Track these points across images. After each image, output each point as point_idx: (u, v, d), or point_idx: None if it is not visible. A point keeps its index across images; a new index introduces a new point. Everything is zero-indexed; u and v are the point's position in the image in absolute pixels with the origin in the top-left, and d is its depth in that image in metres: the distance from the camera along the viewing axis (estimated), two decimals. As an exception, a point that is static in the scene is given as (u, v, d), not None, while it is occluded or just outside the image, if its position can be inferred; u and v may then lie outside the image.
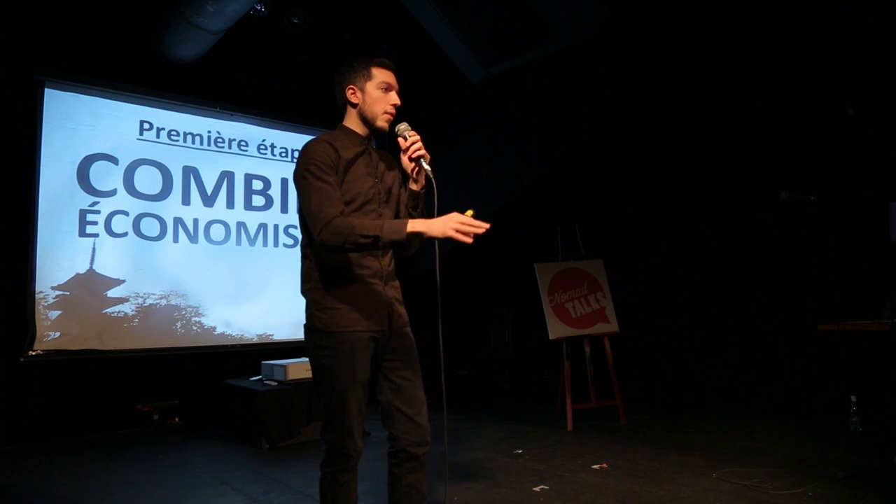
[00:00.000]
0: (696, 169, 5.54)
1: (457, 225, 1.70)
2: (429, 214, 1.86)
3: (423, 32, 5.40)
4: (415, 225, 1.72)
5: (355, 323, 1.84)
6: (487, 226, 1.73)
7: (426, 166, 1.89)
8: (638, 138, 5.77)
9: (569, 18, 4.92)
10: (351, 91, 1.96)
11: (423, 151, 1.89)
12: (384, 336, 1.91)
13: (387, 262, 1.97)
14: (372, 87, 1.94)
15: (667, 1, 4.51)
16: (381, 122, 1.95)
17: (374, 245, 1.74)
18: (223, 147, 5.52)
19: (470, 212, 1.81)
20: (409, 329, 2.00)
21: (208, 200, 5.37)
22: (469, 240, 1.73)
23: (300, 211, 1.89)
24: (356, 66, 1.97)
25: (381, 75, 1.95)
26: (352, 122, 1.99)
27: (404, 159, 1.93)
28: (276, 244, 5.73)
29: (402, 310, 2.00)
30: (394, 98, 1.96)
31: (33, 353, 4.39)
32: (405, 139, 1.90)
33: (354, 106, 1.96)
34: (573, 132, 5.25)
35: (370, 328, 1.87)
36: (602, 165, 6.10)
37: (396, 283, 2.01)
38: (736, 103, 5.09)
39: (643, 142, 5.78)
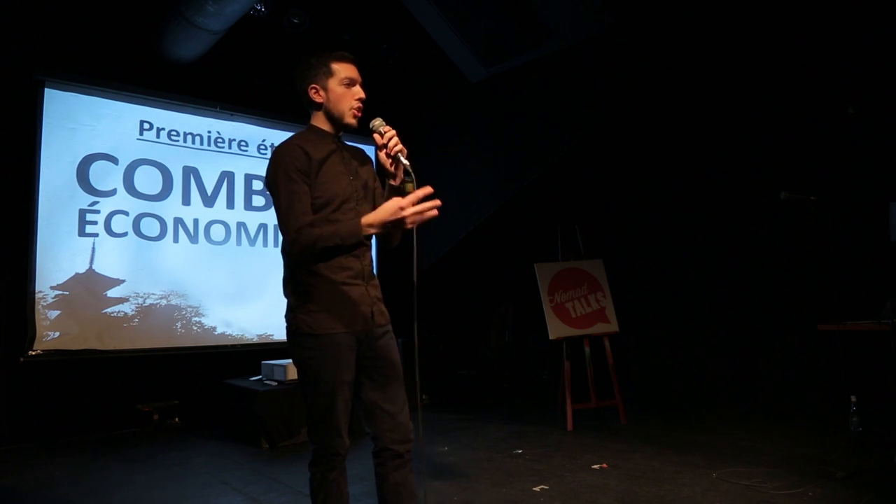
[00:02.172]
0: (696, 169, 5.54)
1: (408, 213, 1.69)
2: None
3: (423, 32, 5.40)
4: (369, 227, 1.72)
5: (339, 324, 1.84)
6: (437, 203, 1.70)
7: (404, 161, 1.84)
8: (638, 138, 5.77)
9: (569, 18, 4.92)
10: (314, 90, 1.91)
11: (400, 147, 1.85)
12: (367, 335, 1.90)
13: (367, 261, 1.95)
14: (335, 84, 1.89)
15: (667, 1, 4.51)
16: (349, 119, 1.92)
17: (339, 252, 1.76)
18: (223, 147, 5.52)
19: (410, 186, 1.80)
20: (390, 327, 1.99)
21: (208, 200, 5.37)
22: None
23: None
24: (315, 63, 1.91)
25: (342, 70, 1.90)
26: (320, 121, 1.95)
27: (381, 156, 1.88)
28: (276, 244, 5.72)
29: (384, 308, 1.99)
30: (358, 92, 1.91)
31: (33, 353, 4.39)
32: (381, 135, 1.86)
33: (320, 105, 1.92)
34: (573, 132, 5.25)
35: (354, 329, 1.86)
36: (602, 165, 6.10)
37: (376, 281, 2.00)
38: (736, 103, 5.09)
39: (643, 142, 5.78)
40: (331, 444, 1.85)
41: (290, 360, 4.56)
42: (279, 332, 5.59)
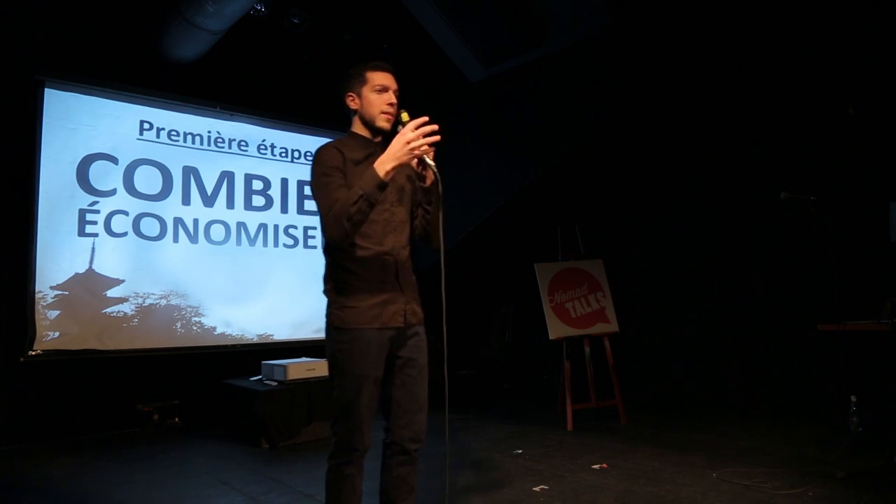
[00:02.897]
0: (696, 169, 5.54)
1: (415, 139, 1.78)
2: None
3: (423, 32, 5.39)
4: (384, 165, 1.79)
5: (372, 320, 1.91)
6: (435, 127, 1.81)
7: (430, 161, 1.91)
8: (638, 138, 5.77)
9: (569, 18, 4.92)
10: (350, 98, 2.04)
11: (426, 148, 1.90)
12: (399, 334, 1.97)
13: (404, 258, 2.03)
14: (368, 91, 2.01)
15: (667, 1, 4.51)
16: (381, 123, 2.01)
17: (368, 205, 1.79)
18: (223, 147, 5.52)
19: (405, 115, 1.90)
20: (422, 328, 2.07)
21: (208, 200, 5.37)
22: (429, 149, 1.82)
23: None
24: (352, 73, 2.04)
25: (376, 78, 2.01)
26: (357, 127, 2.06)
27: None
28: (276, 244, 5.72)
29: (418, 308, 2.06)
30: (389, 98, 2.01)
31: (33, 353, 4.39)
32: None
33: (356, 112, 2.05)
34: (573, 132, 5.25)
35: (386, 325, 1.93)
36: (602, 165, 6.10)
37: (413, 280, 2.08)
38: (736, 103, 5.09)
39: (643, 142, 5.78)
40: (350, 438, 1.90)
41: (291, 361, 4.57)
42: (279, 332, 5.61)
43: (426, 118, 1.81)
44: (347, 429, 1.90)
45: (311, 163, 1.97)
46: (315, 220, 5.99)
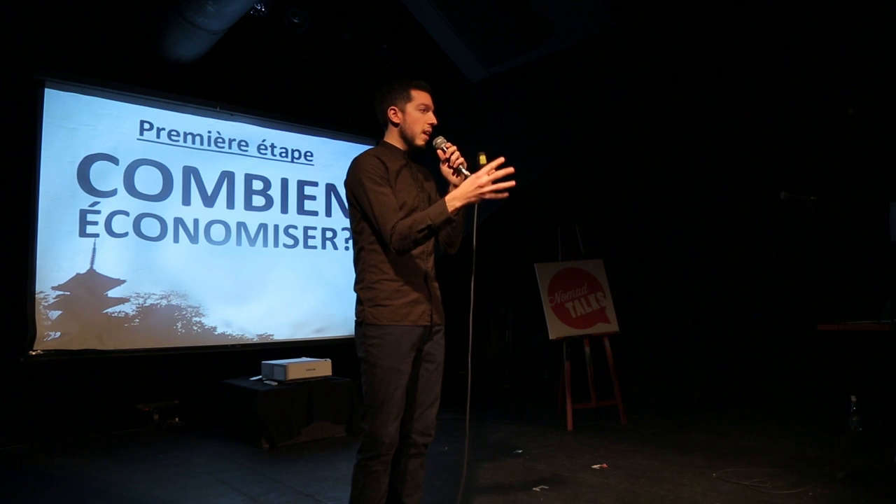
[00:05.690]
0: (696, 169, 5.54)
1: (487, 184, 1.84)
2: (468, 216, 2.08)
3: (422, 32, 5.40)
4: (454, 202, 1.87)
5: (403, 318, 2.03)
6: (510, 170, 1.87)
7: (466, 173, 2.01)
8: (638, 138, 5.77)
9: (569, 18, 4.92)
10: (392, 111, 2.13)
11: (462, 160, 2.05)
12: (425, 331, 2.09)
13: (430, 264, 2.17)
14: (412, 108, 2.12)
15: (667, 1, 4.51)
16: (420, 141, 2.14)
17: (431, 234, 1.91)
18: (223, 147, 5.51)
19: (482, 158, 1.96)
20: (443, 328, 2.19)
21: (208, 200, 5.37)
22: (504, 194, 1.88)
23: (359, 216, 2.05)
24: (396, 87, 2.13)
25: (419, 97, 2.12)
26: (393, 138, 2.17)
27: (444, 169, 2.09)
28: (276, 244, 5.72)
29: (441, 309, 2.19)
30: (431, 118, 2.14)
31: (33, 353, 4.39)
32: (444, 151, 2.07)
33: (396, 125, 2.15)
34: (573, 132, 5.25)
35: (415, 324, 2.05)
36: (602, 165, 6.10)
37: (437, 284, 2.20)
38: (736, 103, 5.09)
39: (643, 142, 5.78)
40: (376, 432, 1.96)
41: (291, 361, 4.57)
42: (279, 332, 5.61)
43: (502, 159, 1.88)
44: (374, 423, 1.96)
45: (349, 169, 2.07)
46: (315, 221, 6.00)
